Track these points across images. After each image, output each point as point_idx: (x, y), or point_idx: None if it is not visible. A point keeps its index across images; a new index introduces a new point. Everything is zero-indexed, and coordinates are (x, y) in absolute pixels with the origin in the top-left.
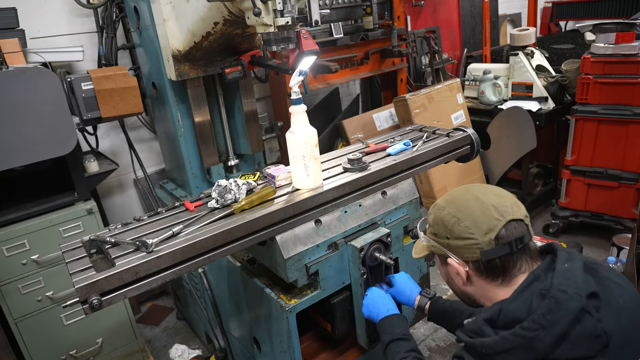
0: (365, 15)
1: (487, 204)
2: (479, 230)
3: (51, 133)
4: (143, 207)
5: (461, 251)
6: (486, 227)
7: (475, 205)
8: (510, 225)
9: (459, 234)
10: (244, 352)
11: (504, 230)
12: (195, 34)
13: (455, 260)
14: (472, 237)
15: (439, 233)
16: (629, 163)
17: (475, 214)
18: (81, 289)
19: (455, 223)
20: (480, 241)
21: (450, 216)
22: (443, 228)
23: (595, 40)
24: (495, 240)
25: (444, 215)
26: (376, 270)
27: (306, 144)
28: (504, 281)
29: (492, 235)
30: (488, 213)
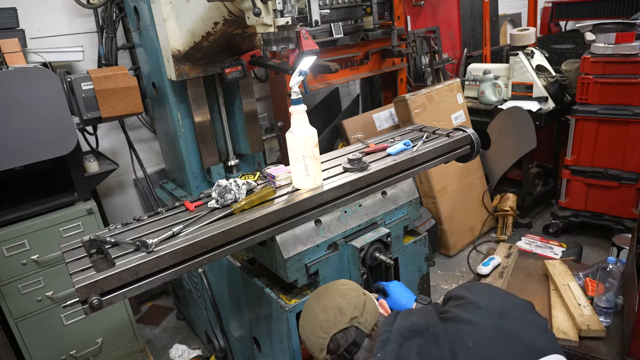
0: (365, 15)
1: (315, 325)
2: (317, 351)
3: (51, 133)
4: (143, 207)
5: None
6: (319, 347)
7: (308, 327)
8: (336, 337)
9: (313, 351)
10: (244, 352)
11: (332, 345)
12: (195, 34)
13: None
14: (316, 355)
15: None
16: (629, 163)
17: (309, 336)
18: (81, 289)
19: (310, 346)
20: (322, 358)
21: (304, 336)
22: (310, 345)
23: (595, 40)
24: (329, 355)
25: (303, 333)
26: (376, 271)
27: (306, 144)
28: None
29: (324, 354)
30: (316, 334)
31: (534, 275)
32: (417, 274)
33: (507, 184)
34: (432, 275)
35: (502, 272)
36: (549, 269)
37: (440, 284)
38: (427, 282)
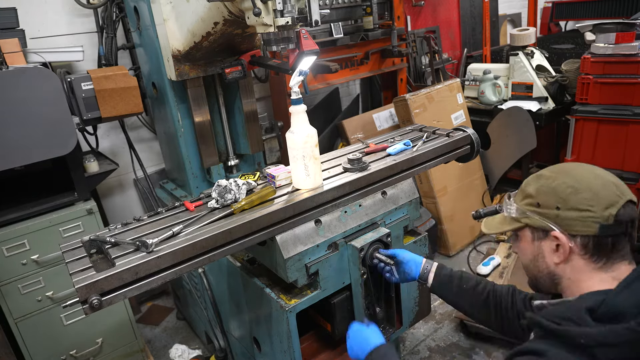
0: (365, 15)
1: (607, 180)
2: (599, 203)
3: (51, 133)
4: (143, 207)
5: (573, 224)
6: (607, 201)
7: (594, 179)
8: (629, 205)
9: (575, 204)
10: (244, 352)
11: (623, 210)
12: (195, 34)
13: (562, 235)
14: (591, 210)
15: (546, 203)
16: (629, 163)
17: (596, 187)
18: (81, 289)
19: (572, 193)
20: (599, 215)
21: (566, 186)
22: (553, 197)
23: (595, 40)
24: (615, 216)
25: (557, 185)
26: (376, 271)
27: (306, 144)
28: (605, 264)
29: (612, 211)
30: (609, 188)
31: None
32: None
33: (507, 184)
34: None
35: (502, 272)
36: None
37: None
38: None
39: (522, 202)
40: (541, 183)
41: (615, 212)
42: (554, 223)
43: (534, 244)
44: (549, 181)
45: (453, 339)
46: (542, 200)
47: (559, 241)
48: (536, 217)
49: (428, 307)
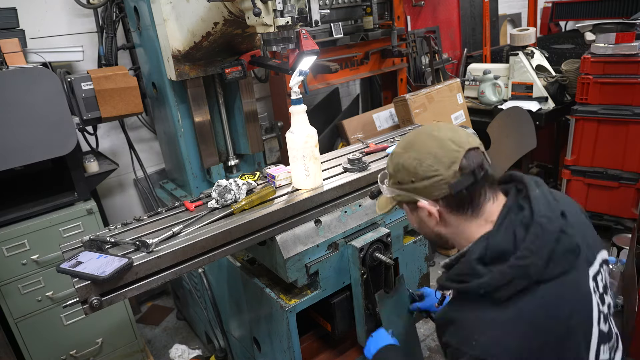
0: (365, 15)
1: (443, 138)
2: (442, 166)
3: (51, 133)
4: (143, 207)
5: (429, 190)
6: (448, 160)
7: (432, 142)
8: (470, 154)
9: (423, 174)
10: (244, 352)
11: (465, 160)
12: (195, 34)
13: (425, 202)
14: (437, 174)
15: (403, 179)
16: (629, 163)
17: (435, 150)
18: (81, 289)
19: (417, 165)
20: (445, 175)
21: (411, 159)
22: (406, 173)
23: (595, 40)
24: (459, 171)
25: (404, 160)
26: (376, 270)
27: (306, 144)
28: (473, 212)
29: (455, 168)
30: (446, 146)
31: None
32: (417, 274)
33: None
34: (432, 275)
35: None
36: None
37: None
38: (427, 282)
39: (390, 182)
40: (395, 161)
41: (457, 167)
42: (416, 194)
43: (413, 214)
44: (399, 158)
45: None
46: (399, 177)
47: (426, 208)
48: (403, 193)
49: None
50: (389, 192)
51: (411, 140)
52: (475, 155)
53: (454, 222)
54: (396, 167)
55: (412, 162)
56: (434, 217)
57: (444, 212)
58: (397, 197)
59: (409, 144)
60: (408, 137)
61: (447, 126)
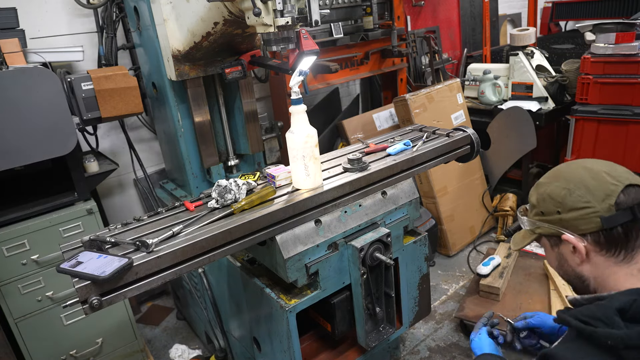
0: (365, 15)
1: (598, 171)
2: (594, 198)
3: (51, 133)
4: (143, 207)
5: (577, 223)
6: (603, 193)
7: (585, 173)
8: (629, 190)
9: (572, 204)
10: (244, 352)
11: (623, 196)
12: (195, 34)
13: (572, 236)
14: (589, 206)
15: (548, 210)
16: (629, 163)
17: (587, 181)
18: (81, 289)
19: (567, 194)
20: (598, 208)
21: (560, 189)
22: (552, 203)
23: (595, 40)
24: (615, 205)
25: (551, 190)
26: (376, 270)
27: (306, 144)
28: (625, 257)
29: (610, 201)
30: (602, 179)
31: (534, 275)
32: (417, 274)
33: (507, 184)
34: (432, 275)
35: (502, 272)
36: (549, 268)
37: (440, 284)
38: (427, 282)
39: (531, 214)
40: (539, 191)
41: (614, 201)
42: (561, 227)
43: (554, 250)
44: (545, 188)
45: (453, 339)
46: (544, 208)
47: (572, 243)
48: (545, 225)
49: (428, 307)
50: (528, 224)
51: (560, 170)
52: (637, 193)
53: (601, 264)
54: (540, 197)
55: (561, 191)
56: (579, 254)
57: (591, 250)
58: (538, 230)
59: (557, 174)
60: (557, 168)
61: (603, 161)
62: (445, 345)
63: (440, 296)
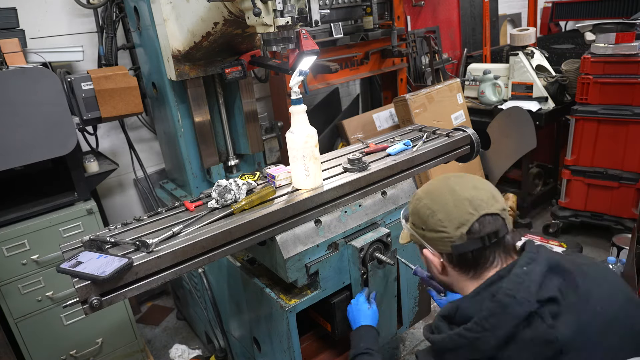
0: (365, 15)
1: (461, 197)
2: (451, 224)
3: (51, 133)
4: (143, 207)
5: (435, 243)
6: (458, 221)
7: (449, 197)
8: (484, 219)
9: (432, 226)
10: (244, 352)
11: (477, 225)
12: (195, 34)
13: (430, 251)
14: (444, 231)
15: (416, 223)
16: (629, 163)
17: (449, 207)
18: (81, 289)
19: (430, 215)
20: (452, 235)
21: (426, 208)
22: (419, 219)
23: (595, 40)
24: (467, 234)
25: (420, 207)
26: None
27: (306, 144)
28: (474, 275)
29: (463, 230)
30: (461, 207)
31: None
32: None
33: (507, 184)
34: None
35: None
36: None
37: None
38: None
39: (409, 219)
40: (414, 204)
41: (466, 230)
42: (424, 241)
43: (422, 256)
44: (417, 202)
45: None
46: (414, 220)
47: (429, 258)
48: (415, 235)
49: (428, 307)
50: (406, 228)
51: (432, 188)
52: (491, 222)
53: (456, 277)
54: (413, 210)
55: (426, 210)
56: (436, 267)
57: (447, 265)
58: (411, 236)
59: (429, 191)
60: (433, 181)
61: (472, 183)
62: None
63: None
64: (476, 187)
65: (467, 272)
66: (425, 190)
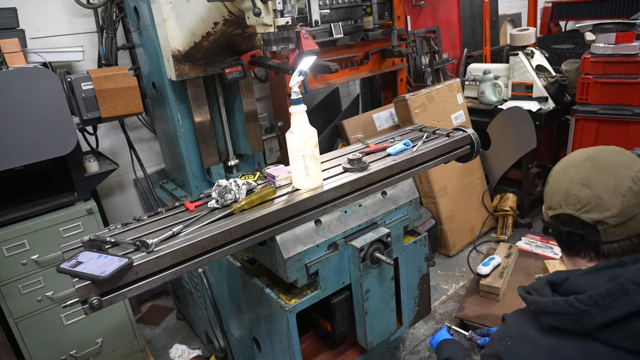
0: (365, 15)
1: (622, 172)
2: (611, 193)
3: (51, 133)
4: (143, 207)
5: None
6: (621, 190)
7: (614, 166)
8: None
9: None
10: (244, 352)
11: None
12: (195, 34)
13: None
14: (602, 203)
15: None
16: None
17: (609, 182)
18: (81, 289)
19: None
20: (612, 205)
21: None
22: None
23: (595, 40)
24: (625, 201)
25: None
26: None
27: (306, 144)
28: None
29: (620, 200)
30: (622, 180)
31: (534, 275)
32: (417, 274)
33: (507, 184)
34: (432, 275)
35: (502, 272)
36: (549, 268)
37: (440, 284)
38: (427, 282)
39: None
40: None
41: (622, 199)
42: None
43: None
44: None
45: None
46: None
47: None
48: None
49: (428, 307)
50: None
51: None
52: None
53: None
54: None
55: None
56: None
57: None
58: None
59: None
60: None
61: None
62: None
63: (440, 296)
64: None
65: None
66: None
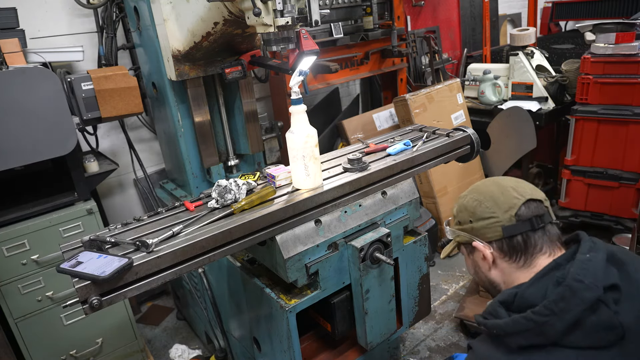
0: (365, 15)
1: (506, 186)
2: (499, 209)
3: (51, 133)
4: (143, 207)
5: (484, 231)
6: (506, 205)
7: (495, 188)
8: (530, 203)
9: (481, 214)
10: (244, 352)
11: (524, 208)
12: (195, 34)
13: (480, 243)
14: (494, 216)
15: (463, 219)
16: (629, 163)
17: (495, 194)
18: (81, 289)
19: (477, 205)
20: (501, 218)
21: (472, 200)
22: (466, 213)
23: (595, 40)
24: (515, 216)
25: (467, 201)
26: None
27: (306, 144)
28: (525, 263)
29: (512, 212)
30: (507, 193)
31: None
32: (417, 274)
33: None
34: (432, 275)
35: None
36: None
37: (440, 284)
38: (427, 282)
39: (452, 224)
40: (458, 203)
41: (515, 213)
42: (472, 235)
43: (470, 258)
44: (462, 200)
45: (453, 339)
46: (460, 217)
47: (480, 250)
48: (461, 234)
49: (428, 307)
50: (450, 233)
51: (476, 185)
52: (537, 207)
53: (505, 269)
54: (459, 208)
55: (473, 202)
56: (487, 261)
57: (497, 256)
58: (457, 238)
59: (474, 188)
60: (474, 184)
61: (513, 179)
62: (445, 345)
63: (440, 296)
64: (517, 181)
65: (518, 260)
66: (470, 189)
